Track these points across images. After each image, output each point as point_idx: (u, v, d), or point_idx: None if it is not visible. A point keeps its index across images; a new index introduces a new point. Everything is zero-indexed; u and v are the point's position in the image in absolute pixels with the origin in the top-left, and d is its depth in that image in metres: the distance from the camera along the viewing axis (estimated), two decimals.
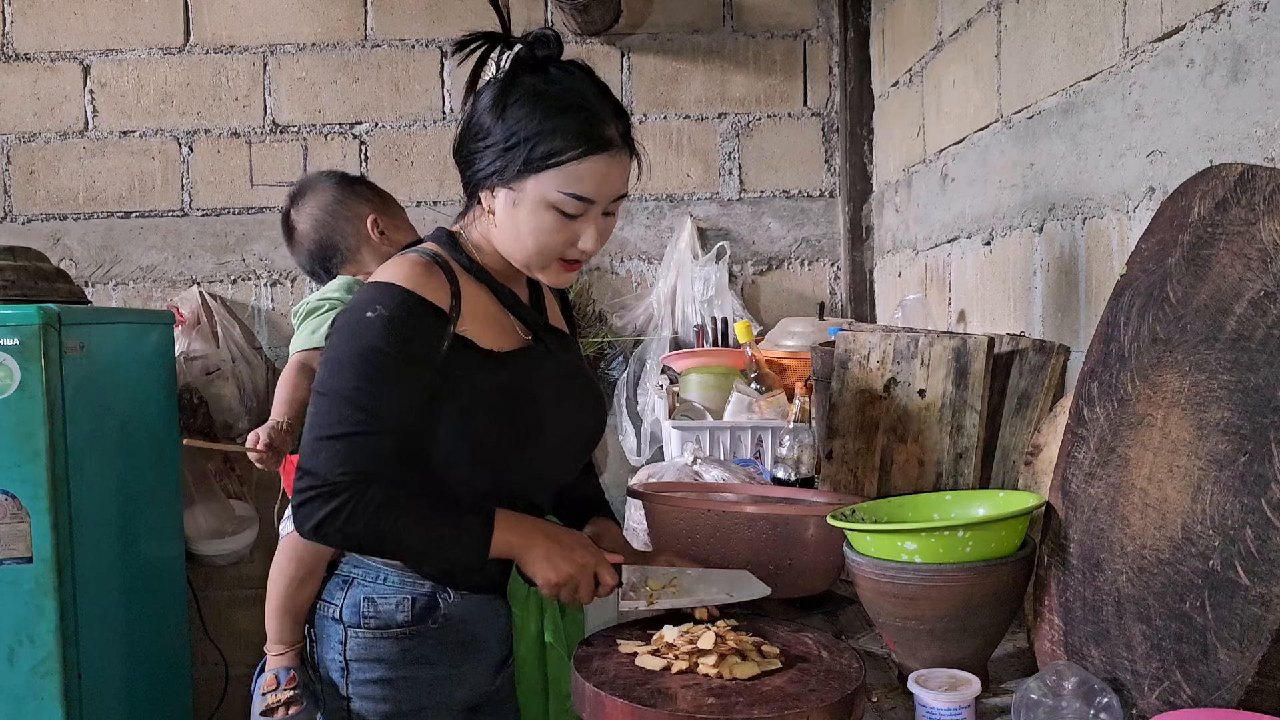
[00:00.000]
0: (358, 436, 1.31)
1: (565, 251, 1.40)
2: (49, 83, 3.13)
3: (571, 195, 1.35)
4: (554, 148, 1.33)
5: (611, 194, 1.38)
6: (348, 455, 1.31)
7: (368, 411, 1.31)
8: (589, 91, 1.37)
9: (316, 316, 1.84)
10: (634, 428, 2.89)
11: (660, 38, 3.15)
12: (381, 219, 1.98)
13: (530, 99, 1.34)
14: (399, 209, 2.07)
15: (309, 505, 1.31)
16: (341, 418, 1.32)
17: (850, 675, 1.18)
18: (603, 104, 1.37)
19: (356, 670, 1.46)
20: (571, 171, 1.34)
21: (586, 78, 1.39)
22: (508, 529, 1.37)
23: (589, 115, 1.34)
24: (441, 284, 1.38)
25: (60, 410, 2.27)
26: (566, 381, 1.51)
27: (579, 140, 1.33)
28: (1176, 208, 1.13)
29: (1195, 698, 0.94)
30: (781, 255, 3.19)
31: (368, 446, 1.32)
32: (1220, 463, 0.97)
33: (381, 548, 1.39)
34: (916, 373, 1.58)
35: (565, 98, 1.35)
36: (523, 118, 1.34)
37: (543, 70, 1.36)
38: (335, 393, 1.33)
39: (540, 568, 1.37)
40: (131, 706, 2.55)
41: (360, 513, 1.30)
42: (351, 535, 1.32)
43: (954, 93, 2.30)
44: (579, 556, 1.38)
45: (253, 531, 3.03)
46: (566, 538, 1.40)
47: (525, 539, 1.38)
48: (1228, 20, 1.29)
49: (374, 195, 2.03)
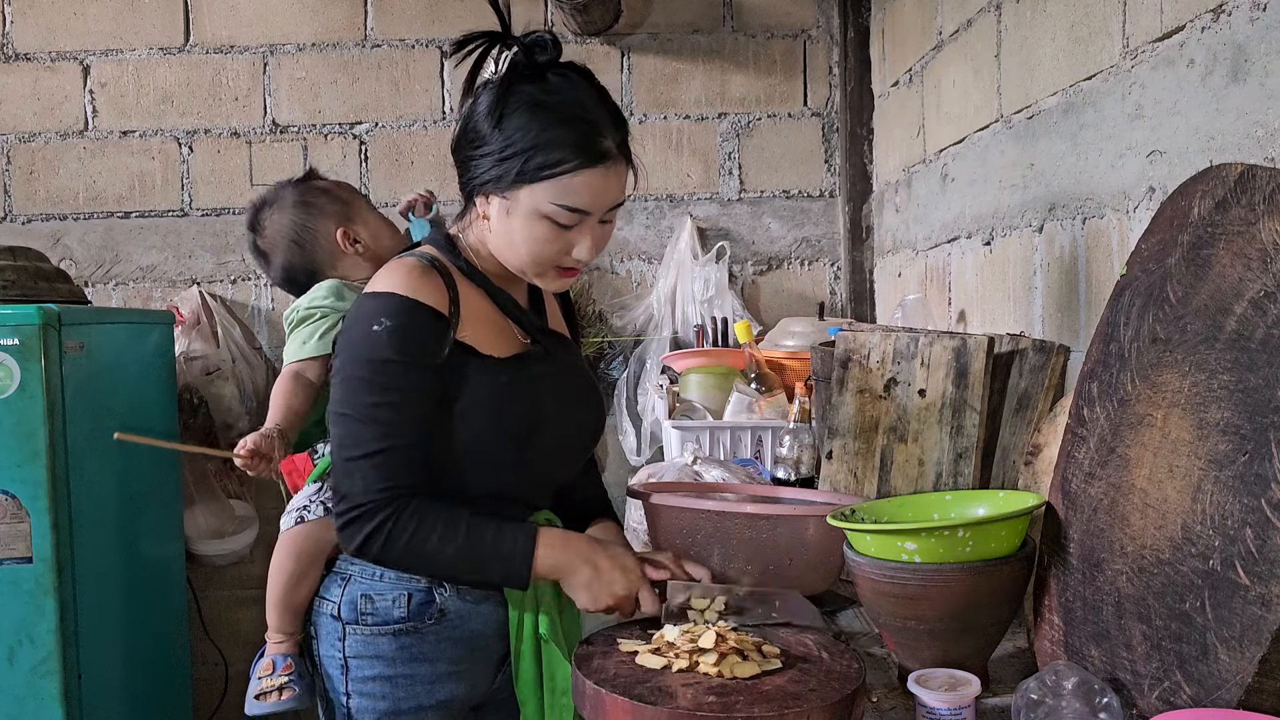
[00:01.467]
0: (388, 452, 1.33)
1: (560, 260, 1.40)
2: (49, 83, 3.13)
3: (565, 207, 1.35)
4: (549, 160, 1.32)
5: (606, 205, 1.38)
6: (382, 472, 1.33)
7: (393, 425, 1.33)
8: (587, 100, 1.36)
9: (307, 325, 1.79)
10: (634, 428, 2.89)
11: (660, 38, 3.15)
12: (349, 228, 1.88)
13: (527, 109, 1.34)
14: (363, 205, 1.95)
15: (352, 527, 1.34)
16: (368, 436, 1.33)
17: (850, 675, 1.18)
18: (600, 113, 1.36)
19: (355, 667, 1.47)
20: (566, 184, 1.33)
21: (585, 83, 1.38)
22: (551, 549, 1.38)
23: (586, 127, 1.34)
24: (440, 289, 1.38)
25: (60, 410, 2.27)
26: (565, 385, 1.51)
27: (574, 153, 1.33)
28: (1176, 208, 1.13)
29: (1195, 698, 0.94)
30: (781, 255, 3.19)
31: (399, 460, 1.34)
32: (1220, 463, 0.97)
33: (423, 565, 1.40)
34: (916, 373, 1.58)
35: (562, 109, 1.34)
36: (519, 128, 1.33)
37: (540, 78, 1.35)
38: (355, 412, 1.35)
39: (580, 596, 1.40)
40: (131, 706, 2.55)
41: (401, 529, 1.33)
42: (393, 551, 1.34)
43: (954, 93, 2.30)
44: (619, 587, 1.38)
45: (253, 531, 3.03)
46: (606, 563, 1.39)
47: (568, 563, 1.39)
48: (1228, 20, 1.29)
49: (333, 204, 1.91)
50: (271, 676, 1.55)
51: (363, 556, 1.37)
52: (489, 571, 1.39)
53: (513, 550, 1.37)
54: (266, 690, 1.55)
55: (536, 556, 1.37)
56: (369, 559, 1.38)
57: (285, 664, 1.56)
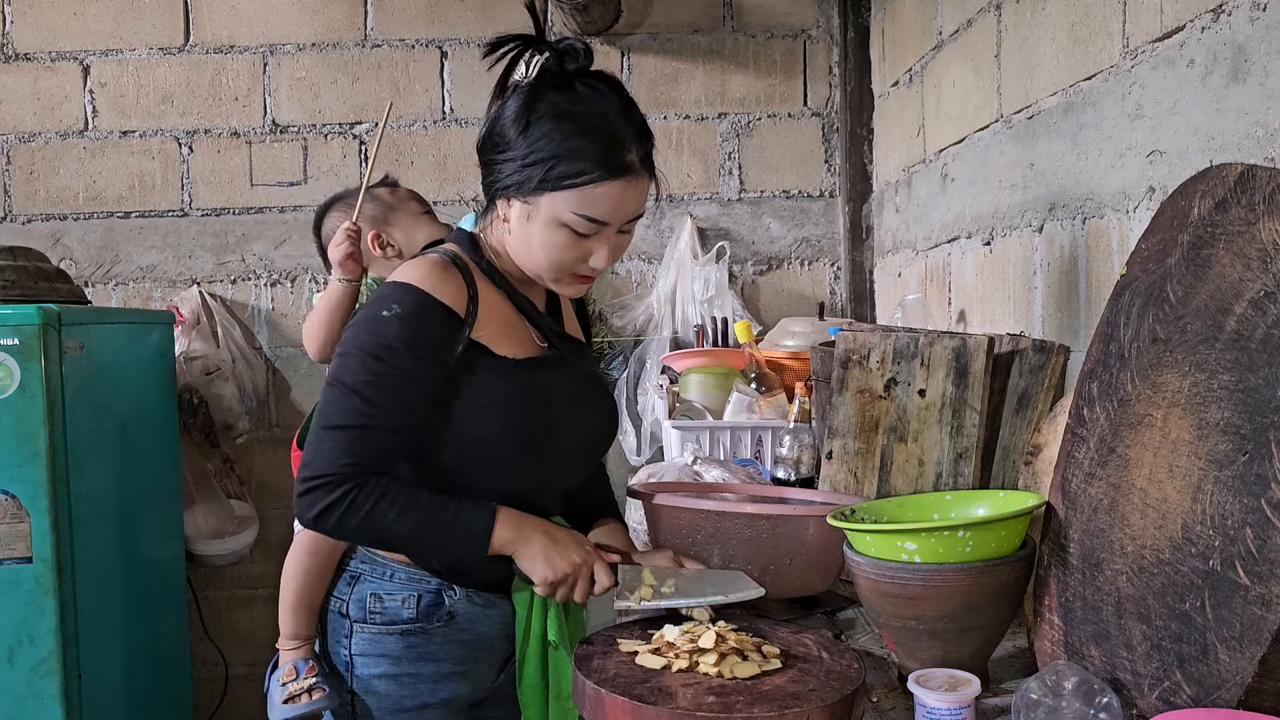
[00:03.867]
0: (362, 430, 1.33)
1: (576, 267, 1.40)
2: (49, 83, 3.13)
3: (585, 217, 1.35)
4: (571, 170, 1.33)
5: (626, 216, 1.39)
6: (351, 448, 1.32)
7: (374, 406, 1.33)
8: (613, 112, 1.36)
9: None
10: (634, 428, 2.89)
11: (660, 38, 3.15)
12: (383, 231, 2.01)
13: (553, 118, 1.34)
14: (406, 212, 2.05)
15: (310, 495, 1.32)
16: (348, 410, 1.33)
17: (850, 675, 1.18)
18: (625, 126, 1.36)
19: (362, 665, 1.47)
20: (587, 194, 1.34)
21: (613, 94, 1.38)
22: (506, 525, 1.38)
23: (609, 140, 1.34)
24: (459, 286, 1.39)
25: (60, 410, 2.27)
26: (579, 390, 1.52)
27: (596, 165, 1.33)
28: (1176, 208, 1.13)
29: (1195, 698, 0.94)
30: (781, 255, 3.19)
31: (371, 440, 1.33)
32: (1220, 463, 0.97)
33: (380, 540, 1.41)
34: (916, 373, 1.58)
35: (587, 119, 1.34)
36: (544, 136, 1.34)
37: (569, 86, 1.36)
38: (344, 385, 1.34)
39: (537, 564, 1.38)
40: (131, 706, 2.55)
41: (359, 504, 1.31)
42: (349, 527, 1.33)
43: (954, 93, 2.30)
44: (575, 555, 1.39)
45: (253, 531, 3.03)
46: (563, 535, 1.41)
47: (523, 535, 1.38)
48: (1228, 20, 1.29)
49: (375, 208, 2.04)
50: (297, 680, 1.56)
51: (318, 528, 1.34)
52: (446, 546, 1.39)
53: (471, 525, 1.36)
54: (295, 694, 1.55)
55: (495, 531, 1.36)
56: (324, 531, 1.36)
57: (309, 667, 1.56)
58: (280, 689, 1.56)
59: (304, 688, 1.54)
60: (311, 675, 1.55)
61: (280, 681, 1.57)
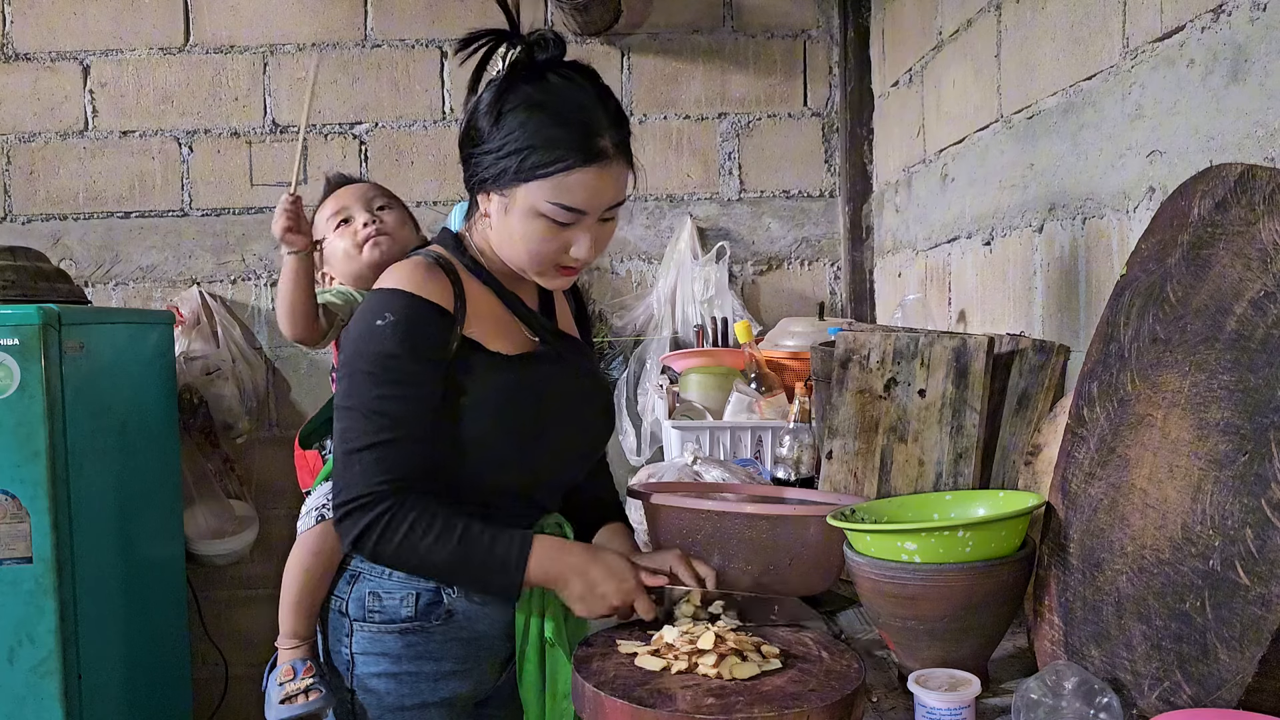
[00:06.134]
0: (388, 445, 1.33)
1: (559, 258, 1.40)
2: (49, 83, 3.13)
3: (561, 205, 1.35)
4: (544, 159, 1.33)
5: (604, 204, 1.38)
6: (381, 465, 1.33)
7: (394, 419, 1.34)
8: (585, 100, 1.36)
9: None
10: (634, 428, 2.89)
11: (660, 38, 3.15)
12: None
13: (525, 109, 1.34)
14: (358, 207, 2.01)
15: (350, 519, 1.34)
16: (369, 429, 1.34)
17: (850, 675, 1.18)
18: (598, 113, 1.35)
19: (361, 664, 1.48)
20: (561, 183, 1.33)
21: (587, 83, 1.38)
22: (543, 559, 1.38)
23: (582, 127, 1.34)
24: (445, 286, 1.39)
25: (60, 410, 2.27)
26: (573, 387, 1.51)
27: (569, 152, 1.33)
28: (1176, 208, 1.13)
29: (1195, 698, 0.94)
30: (781, 255, 3.19)
31: (399, 454, 1.34)
32: (1220, 463, 0.97)
33: (417, 565, 1.39)
34: (916, 373, 1.58)
35: (559, 108, 1.34)
36: (517, 127, 1.34)
37: (540, 77, 1.36)
38: (359, 405, 1.35)
39: (575, 608, 1.40)
40: (131, 706, 2.55)
41: (399, 523, 1.33)
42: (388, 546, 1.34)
43: (954, 93, 2.30)
44: (613, 598, 1.38)
45: (253, 531, 3.03)
46: (599, 573, 1.39)
47: (559, 576, 1.39)
48: (1228, 20, 1.29)
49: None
50: (294, 681, 1.56)
51: (358, 550, 1.36)
52: (481, 578, 1.39)
53: (506, 559, 1.37)
54: (292, 694, 1.55)
55: (529, 566, 1.37)
56: (364, 554, 1.37)
57: (306, 667, 1.57)
58: (278, 689, 1.56)
59: (301, 688, 1.54)
60: (309, 676, 1.55)
61: (278, 681, 1.58)
